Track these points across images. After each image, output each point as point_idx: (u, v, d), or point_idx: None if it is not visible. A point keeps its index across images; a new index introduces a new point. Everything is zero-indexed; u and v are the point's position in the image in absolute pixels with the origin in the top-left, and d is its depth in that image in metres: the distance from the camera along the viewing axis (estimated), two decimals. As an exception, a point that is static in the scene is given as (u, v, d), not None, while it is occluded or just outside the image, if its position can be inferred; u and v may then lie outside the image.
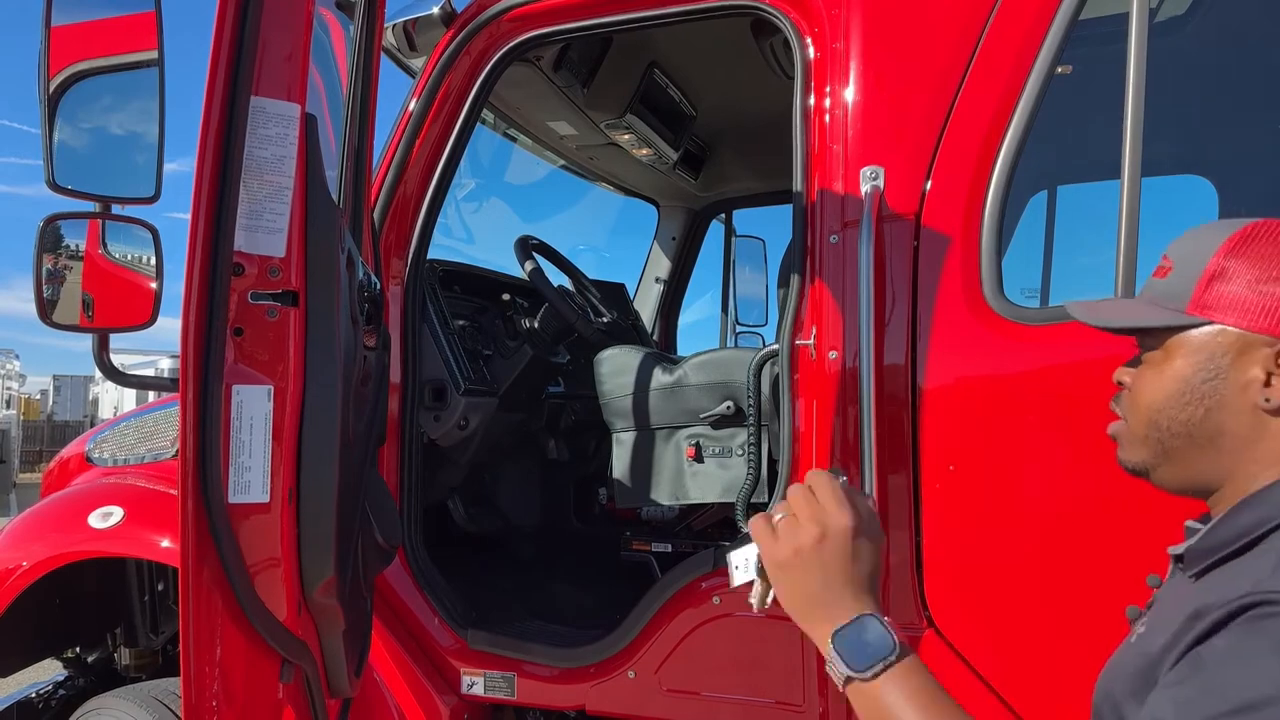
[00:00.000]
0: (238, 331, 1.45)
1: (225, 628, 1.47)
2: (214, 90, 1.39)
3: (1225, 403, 0.98)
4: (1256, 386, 0.96)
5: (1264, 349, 0.96)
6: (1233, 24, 2.58)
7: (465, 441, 2.70)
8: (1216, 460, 1.00)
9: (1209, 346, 0.99)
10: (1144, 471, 1.07)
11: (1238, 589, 0.86)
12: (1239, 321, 0.97)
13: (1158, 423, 1.03)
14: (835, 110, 2.01)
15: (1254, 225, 0.99)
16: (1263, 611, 0.82)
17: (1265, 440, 0.97)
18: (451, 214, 3.37)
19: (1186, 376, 1.00)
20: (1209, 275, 0.98)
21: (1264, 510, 0.94)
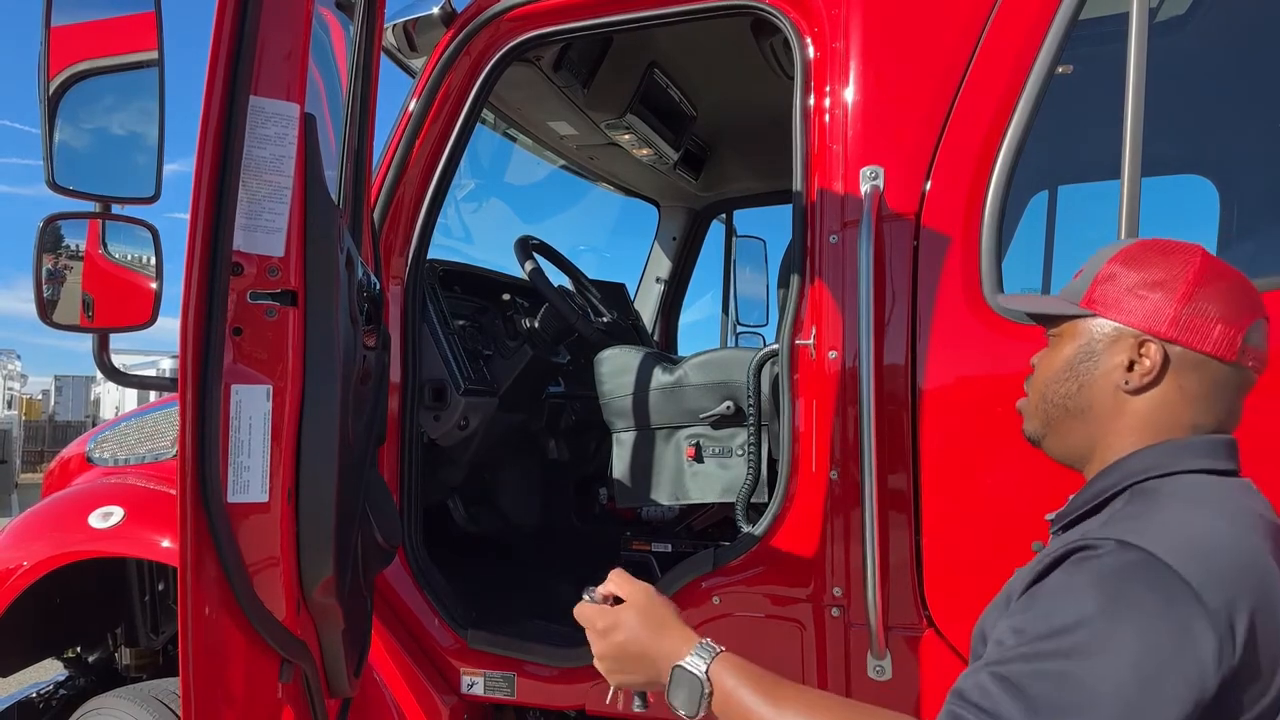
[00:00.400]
0: (237, 331, 1.45)
1: (224, 627, 1.47)
2: (213, 89, 1.39)
3: (1095, 381, 1.17)
4: (1120, 371, 1.15)
5: (1130, 340, 1.14)
6: (1233, 23, 2.58)
7: (465, 441, 2.70)
8: (1085, 431, 1.19)
9: (1090, 334, 1.18)
10: (1037, 440, 1.27)
11: (1069, 541, 1.03)
12: (1115, 316, 1.16)
13: (1046, 395, 1.23)
14: (835, 110, 2.01)
15: (1145, 242, 1.19)
16: (1084, 555, 0.99)
17: (1124, 416, 1.16)
18: (452, 214, 3.37)
19: (1069, 357, 1.20)
20: (1101, 277, 1.18)
21: (1114, 477, 1.13)
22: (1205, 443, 1.12)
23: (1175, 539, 0.97)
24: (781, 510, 2.04)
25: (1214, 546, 0.97)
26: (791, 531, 2.03)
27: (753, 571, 2.10)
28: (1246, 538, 1.00)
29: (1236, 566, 0.96)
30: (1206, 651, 0.91)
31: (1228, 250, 2.71)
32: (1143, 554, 0.95)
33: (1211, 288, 1.12)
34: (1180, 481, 1.08)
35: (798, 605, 2.03)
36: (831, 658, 1.99)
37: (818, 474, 1.99)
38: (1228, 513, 1.03)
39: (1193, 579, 0.92)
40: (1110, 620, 0.92)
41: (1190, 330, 1.11)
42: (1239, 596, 0.94)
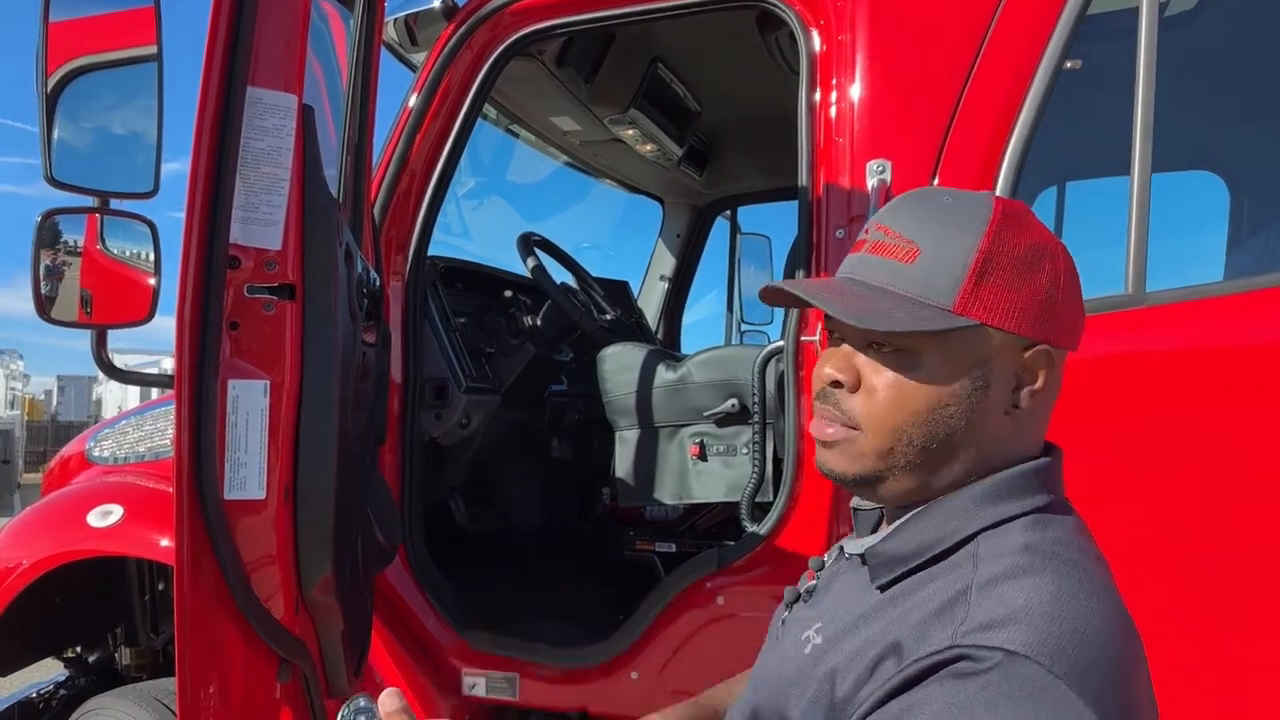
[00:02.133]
0: (234, 325, 1.43)
1: (221, 626, 1.46)
2: (210, 80, 1.37)
3: (987, 412, 0.89)
4: (1005, 392, 0.89)
5: (1020, 352, 0.88)
6: (1243, 17, 2.56)
7: (467, 440, 2.68)
8: (960, 468, 0.90)
9: (972, 352, 0.88)
10: (866, 482, 0.93)
11: (937, 639, 0.79)
12: (1011, 323, 0.87)
13: (908, 435, 0.89)
14: (841, 103, 1.99)
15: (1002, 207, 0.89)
16: (963, 668, 0.76)
17: (980, 443, 0.89)
18: (453, 210, 3.35)
19: (953, 385, 0.88)
20: (979, 268, 0.87)
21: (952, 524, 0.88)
22: (1039, 471, 0.90)
23: (1051, 633, 0.77)
24: (786, 509, 2.02)
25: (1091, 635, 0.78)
26: (796, 530, 2.01)
27: (757, 571, 2.08)
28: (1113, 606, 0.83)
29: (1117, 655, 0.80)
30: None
31: (1239, 247, 2.69)
32: (1032, 668, 0.75)
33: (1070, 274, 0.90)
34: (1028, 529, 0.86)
35: (803, 605, 2.01)
36: (836, 658, 1.97)
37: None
38: (1086, 573, 0.84)
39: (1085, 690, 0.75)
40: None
41: (1066, 327, 0.90)
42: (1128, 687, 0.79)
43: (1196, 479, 1.71)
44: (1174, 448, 1.72)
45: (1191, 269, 2.79)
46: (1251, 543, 1.68)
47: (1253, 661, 1.69)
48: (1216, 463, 1.70)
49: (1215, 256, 2.70)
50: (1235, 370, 1.73)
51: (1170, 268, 2.11)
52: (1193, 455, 1.71)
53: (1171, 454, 1.72)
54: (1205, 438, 1.71)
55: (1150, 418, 1.74)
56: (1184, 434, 1.72)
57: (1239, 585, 1.68)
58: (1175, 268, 2.32)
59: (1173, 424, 1.73)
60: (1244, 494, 1.68)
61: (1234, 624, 1.69)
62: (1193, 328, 1.76)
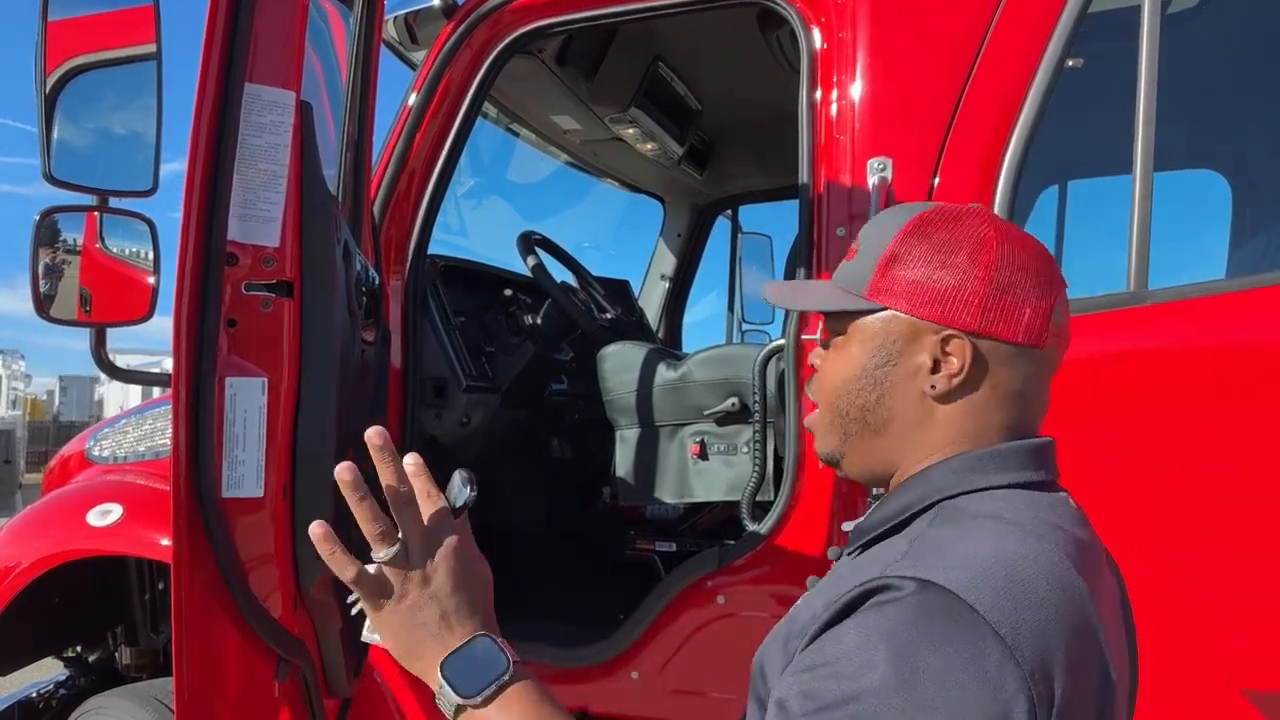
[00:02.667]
0: (231, 323, 1.42)
1: (219, 625, 1.45)
2: (207, 76, 1.37)
3: (896, 388, 0.98)
4: (924, 373, 0.96)
5: (931, 336, 0.95)
6: (1245, 16, 2.55)
7: (467, 439, 2.67)
8: (889, 446, 1.00)
9: (883, 332, 0.98)
10: (834, 461, 1.06)
11: (867, 574, 0.84)
12: (909, 308, 0.96)
13: (838, 407, 1.02)
14: (842, 101, 1.98)
15: (933, 210, 0.99)
16: (882, 598, 0.81)
17: (932, 427, 0.97)
18: (453, 209, 3.35)
19: (863, 362, 0.99)
20: (886, 260, 0.97)
21: (917, 492, 0.95)
22: (1016, 452, 0.95)
23: (980, 571, 0.81)
24: (787, 508, 2.02)
25: (1023, 580, 0.81)
26: (797, 529, 2.00)
27: (758, 570, 2.07)
28: (1060, 567, 0.84)
29: (1050, 604, 0.81)
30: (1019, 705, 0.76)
31: (1240, 247, 2.68)
32: (947, 596, 0.78)
33: (1015, 261, 0.94)
34: (990, 498, 0.92)
35: (804, 604, 2.00)
36: (838, 658, 1.96)
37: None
38: (1039, 535, 0.86)
39: (999, 622, 0.77)
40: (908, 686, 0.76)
41: (997, 319, 0.94)
42: (1053, 639, 0.79)
43: (1198, 477, 1.70)
44: (1176, 446, 1.72)
45: (1194, 268, 2.78)
46: (1253, 540, 1.67)
47: (1253, 661, 1.68)
48: (1219, 461, 1.70)
49: (1218, 255, 2.69)
50: (1238, 369, 1.73)
51: (1172, 267, 2.10)
52: (1195, 454, 1.70)
53: (1173, 452, 1.72)
54: (1208, 436, 1.71)
55: (1152, 416, 1.74)
56: (1186, 433, 1.71)
57: (1240, 583, 1.68)
58: (1177, 267, 2.32)
59: (1174, 423, 1.73)
60: (1246, 492, 1.67)
61: (1235, 623, 1.69)
62: (1195, 326, 1.76)
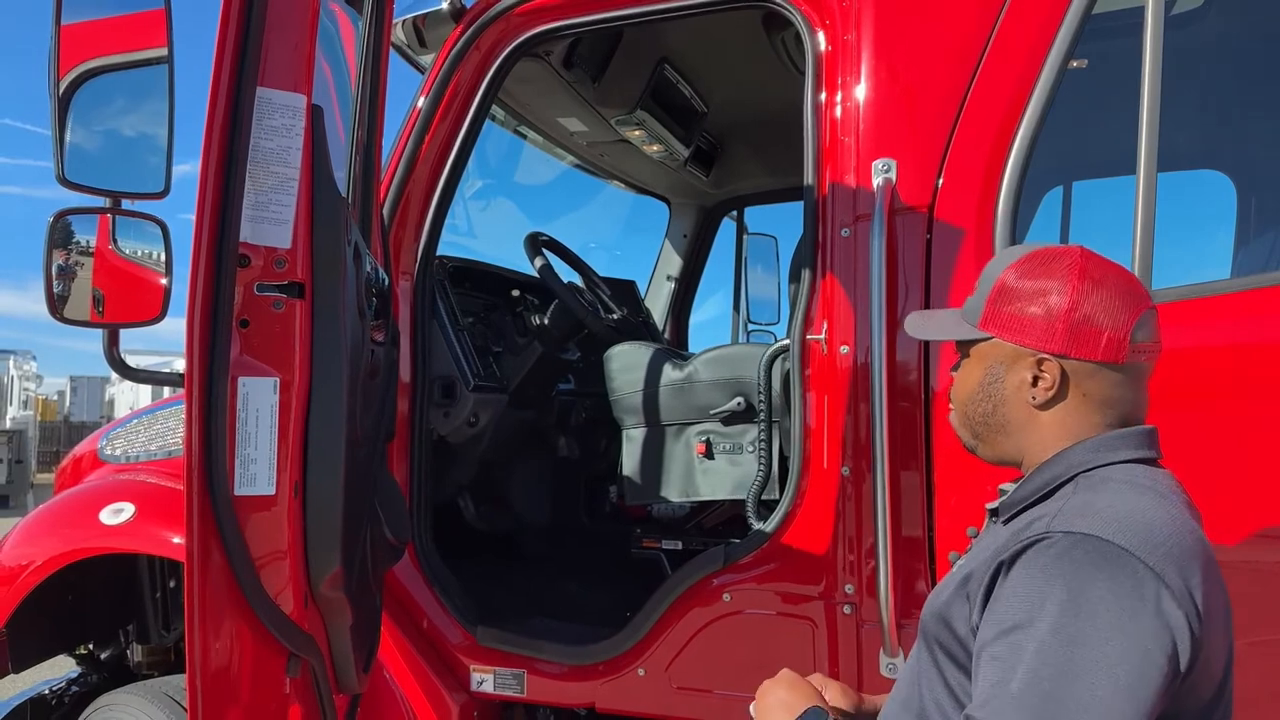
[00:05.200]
0: (243, 323, 1.44)
1: (231, 621, 1.47)
2: (219, 81, 1.39)
3: (1006, 400, 1.25)
4: (1026, 388, 1.22)
5: (1029, 359, 1.21)
6: (1249, 16, 2.55)
7: (475, 438, 2.69)
8: (1010, 442, 1.27)
9: (993, 355, 1.26)
10: (972, 450, 1.34)
11: (1033, 530, 1.09)
12: (1012, 336, 1.22)
13: (966, 413, 1.31)
14: (847, 103, 1.99)
15: (1036, 250, 1.24)
16: (1044, 545, 1.05)
17: (1040, 428, 1.23)
18: (461, 211, 3.36)
19: (980, 379, 1.27)
20: (994, 296, 1.25)
21: (1055, 470, 1.20)
22: (1134, 434, 1.21)
23: (1123, 521, 1.05)
24: (793, 507, 2.03)
25: (1158, 526, 1.05)
26: (803, 528, 2.01)
27: (764, 569, 2.08)
28: (1182, 517, 1.10)
29: (1181, 543, 1.05)
30: (1177, 619, 0.99)
31: (1245, 247, 2.68)
32: (1100, 542, 1.03)
33: (1094, 296, 1.18)
34: (1120, 469, 1.17)
35: (809, 603, 2.01)
36: (843, 655, 1.97)
37: (829, 470, 1.97)
38: (1161, 494, 1.13)
39: (1147, 557, 1.01)
40: (1079, 608, 0.99)
41: (1079, 343, 1.18)
42: (1190, 568, 1.03)
43: (1201, 477, 1.71)
44: (1178, 445, 1.72)
45: (1198, 268, 2.78)
46: (1254, 538, 1.68)
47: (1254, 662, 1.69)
48: (1223, 461, 1.70)
49: (1222, 255, 2.69)
50: (1241, 368, 1.73)
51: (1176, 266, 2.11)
52: (1197, 453, 1.71)
53: (1175, 452, 1.72)
54: (1211, 435, 1.71)
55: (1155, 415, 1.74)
56: (1188, 432, 1.72)
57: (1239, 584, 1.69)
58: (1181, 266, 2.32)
59: (1177, 422, 1.73)
60: (1248, 490, 1.68)
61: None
62: (1198, 326, 1.76)
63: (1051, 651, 0.98)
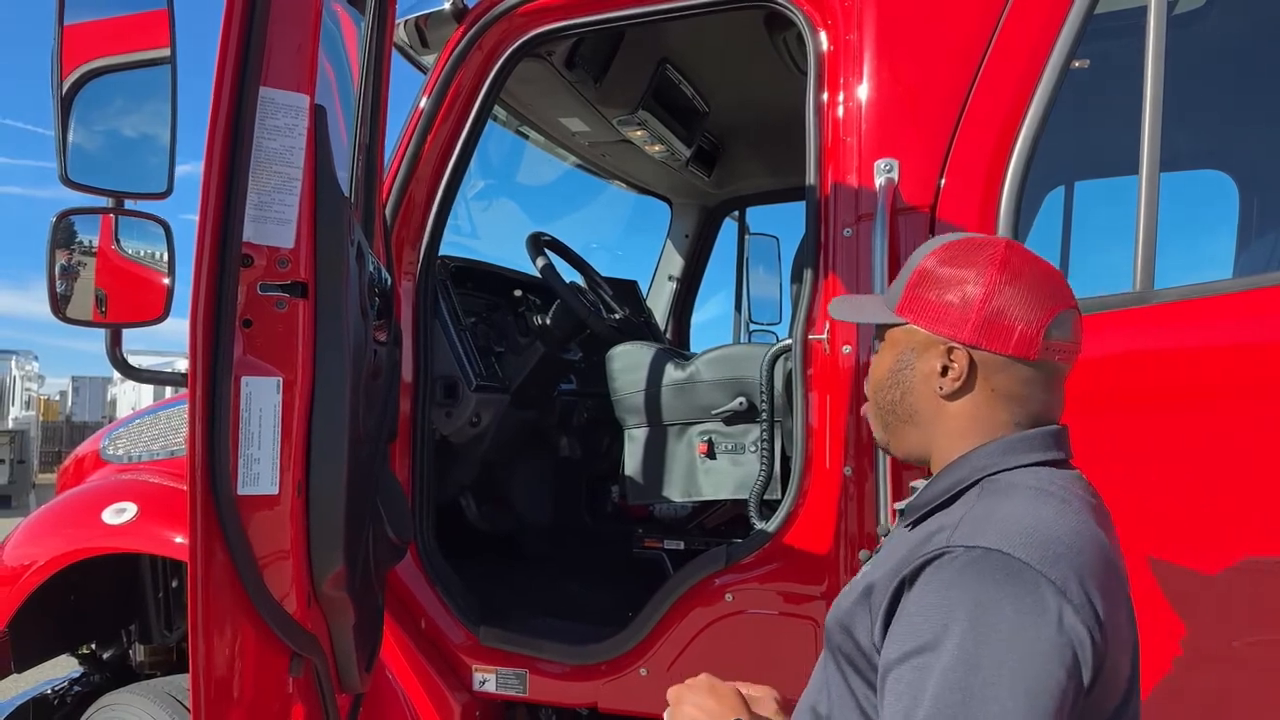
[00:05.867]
0: (247, 323, 1.44)
1: (234, 620, 1.47)
2: (223, 81, 1.39)
3: (914, 388, 1.21)
4: (935, 377, 1.19)
5: (940, 347, 1.18)
6: (1251, 16, 2.55)
7: (477, 438, 2.69)
8: (916, 434, 1.24)
9: (905, 342, 1.22)
10: (884, 446, 1.30)
11: (934, 542, 1.06)
12: (924, 324, 1.19)
13: (878, 401, 1.27)
14: (849, 103, 1.99)
15: (959, 240, 1.22)
16: (944, 560, 1.03)
17: (947, 420, 1.20)
18: (463, 211, 3.36)
19: (890, 365, 1.24)
20: (913, 281, 1.21)
21: (960, 473, 1.16)
22: (1041, 435, 1.17)
23: (1025, 534, 1.02)
24: (795, 507, 2.03)
25: (1060, 537, 1.03)
26: (805, 528, 2.01)
27: (766, 568, 2.08)
28: (1085, 524, 1.07)
29: (1083, 553, 1.03)
30: (1080, 634, 0.97)
31: (1247, 247, 2.68)
32: (1003, 557, 1.00)
33: (1010, 289, 1.15)
34: (1024, 473, 1.14)
35: (811, 602, 2.01)
36: (845, 655, 1.97)
37: (831, 470, 1.97)
38: (1065, 500, 1.10)
39: (1049, 571, 0.99)
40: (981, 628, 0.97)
41: (991, 335, 1.15)
42: (1091, 579, 1.01)
43: (1201, 476, 1.71)
44: (1181, 445, 1.72)
45: (1200, 267, 2.78)
46: (1256, 537, 1.68)
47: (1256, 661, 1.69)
48: (1225, 460, 1.70)
49: (1224, 255, 2.69)
50: (1244, 369, 1.73)
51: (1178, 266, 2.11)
52: (1199, 452, 1.71)
53: (1178, 451, 1.72)
54: (1213, 435, 1.71)
55: (1157, 415, 1.75)
56: (1191, 431, 1.72)
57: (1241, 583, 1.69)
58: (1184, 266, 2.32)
59: (1179, 421, 1.73)
60: (1250, 490, 1.68)
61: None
62: (1201, 326, 1.76)
63: (955, 675, 0.96)
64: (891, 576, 1.08)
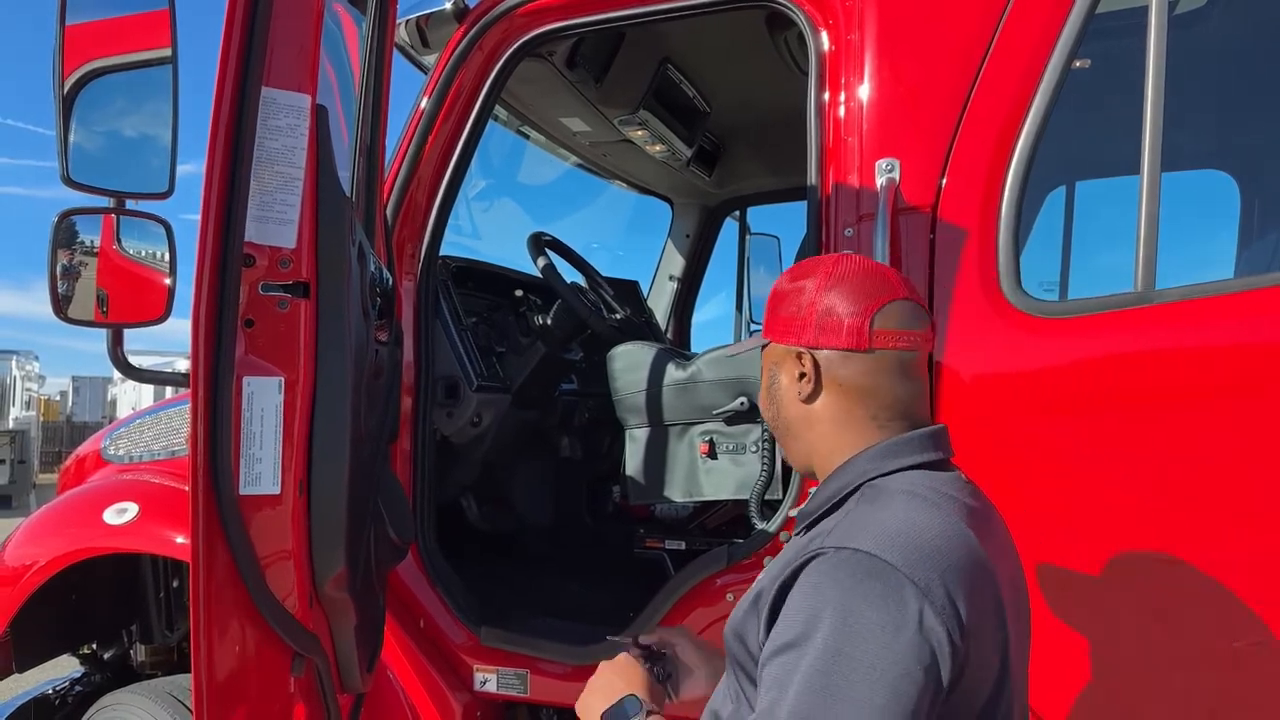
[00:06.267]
0: (248, 323, 1.44)
1: (236, 620, 1.47)
2: (225, 81, 1.39)
3: (783, 400, 1.31)
4: (795, 384, 1.28)
5: (793, 355, 1.28)
6: (1253, 16, 2.55)
7: (478, 438, 2.69)
8: (798, 446, 1.32)
9: (770, 359, 1.33)
10: (789, 464, 1.40)
11: (813, 545, 1.13)
12: (777, 338, 1.30)
13: (768, 422, 1.36)
14: (850, 103, 1.99)
15: (803, 261, 1.34)
16: (818, 561, 1.10)
17: (815, 424, 1.28)
18: (464, 211, 3.36)
19: (766, 384, 1.34)
20: (769, 306, 1.33)
21: (842, 479, 1.23)
22: (918, 438, 1.24)
23: (893, 536, 1.08)
24: (795, 506, 2.03)
25: (927, 539, 1.08)
26: (806, 528, 2.01)
27: (767, 568, 2.08)
28: (954, 525, 1.13)
29: (948, 554, 1.08)
30: (939, 635, 1.02)
31: (1249, 246, 2.68)
32: (869, 558, 1.06)
33: (837, 290, 1.26)
34: (900, 478, 1.20)
35: (812, 602, 2.01)
36: (846, 655, 1.97)
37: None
38: (936, 503, 1.15)
39: (912, 572, 1.04)
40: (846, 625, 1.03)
41: (825, 333, 1.25)
42: (955, 579, 1.06)
43: (1204, 477, 1.71)
44: (1182, 445, 1.72)
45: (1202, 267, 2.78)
46: (1257, 537, 1.67)
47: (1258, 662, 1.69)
48: (1226, 461, 1.70)
49: (1226, 255, 2.69)
50: (1245, 369, 1.73)
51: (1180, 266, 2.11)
52: (1200, 452, 1.71)
53: (1179, 451, 1.72)
54: (1214, 435, 1.71)
55: (1158, 415, 1.74)
56: (1192, 431, 1.72)
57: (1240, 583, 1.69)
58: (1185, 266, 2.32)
59: (1179, 422, 1.73)
60: (1251, 490, 1.68)
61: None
62: (1202, 326, 1.76)
63: (819, 669, 1.01)
64: (777, 579, 1.14)
